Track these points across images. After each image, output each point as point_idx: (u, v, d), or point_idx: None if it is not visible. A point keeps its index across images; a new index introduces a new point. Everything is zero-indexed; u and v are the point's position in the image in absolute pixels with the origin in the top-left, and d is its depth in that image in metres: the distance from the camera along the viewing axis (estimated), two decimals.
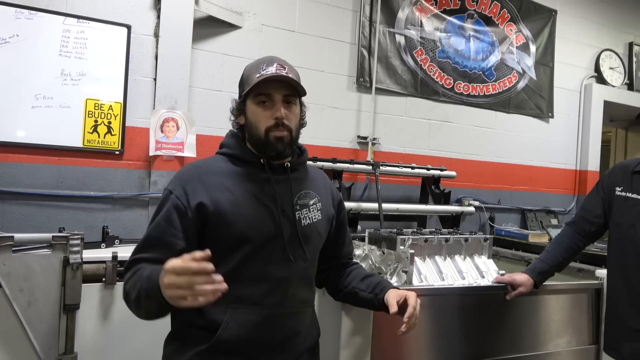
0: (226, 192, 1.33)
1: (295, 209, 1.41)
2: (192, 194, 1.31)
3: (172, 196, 1.32)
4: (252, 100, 1.38)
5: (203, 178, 1.35)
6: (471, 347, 2.04)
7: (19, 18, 2.37)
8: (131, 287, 1.24)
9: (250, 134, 1.41)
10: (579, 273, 2.57)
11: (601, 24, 4.38)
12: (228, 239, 1.31)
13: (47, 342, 1.81)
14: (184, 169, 1.43)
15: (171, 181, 1.38)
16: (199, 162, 1.46)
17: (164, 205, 1.32)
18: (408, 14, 3.44)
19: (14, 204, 2.39)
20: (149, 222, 1.35)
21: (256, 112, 1.37)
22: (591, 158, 4.21)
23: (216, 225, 1.30)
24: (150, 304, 1.19)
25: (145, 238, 1.31)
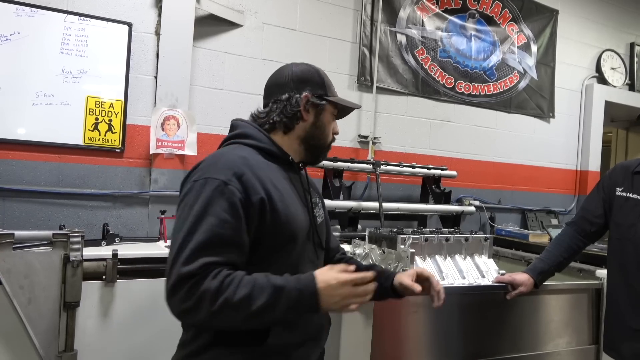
0: (275, 189, 1.27)
1: (312, 207, 1.44)
2: (251, 188, 1.21)
3: (231, 188, 1.18)
4: (331, 110, 1.43)
5: (254, 171, 1.25)
6: (471, 347, 2.04)
7: (20, 15, 2.37)
8: (246, 297, 1.10)
9: (315, 136, 1.41)
10: (579, 273, 2.57)
11: (602, 24, 4.38)
12: (278, 237, 1.26)
13: (47, 340, 1.81)
14: (226, 158, 1.26)
15: (212, 169, 1.22)
16: (234, 150, 1.31)
17: (222, 197, 1.17)
18: (409, 13, 3.44)
19: (14, 202, 2.39)
20: (194, 215, 1.15)
21: (330, 121, 1.44)
22: (592, 158, 4.21)
23: (270, 224, 1.23)
24: (291, 313, 1.16)
25: (213, 236, 1.14)
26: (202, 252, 1.11)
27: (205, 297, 1.08)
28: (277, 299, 1.12)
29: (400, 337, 1.92)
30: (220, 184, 1.18)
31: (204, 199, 1.16)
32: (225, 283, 1.10)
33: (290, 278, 1.17)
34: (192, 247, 1.11)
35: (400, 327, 1.92)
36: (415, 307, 1.94)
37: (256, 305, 1.10)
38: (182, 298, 1.09)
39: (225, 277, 1.11)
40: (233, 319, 1.12)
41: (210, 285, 1.09)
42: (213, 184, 1.18)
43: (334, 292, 1.16)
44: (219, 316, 1.10)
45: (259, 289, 1.11)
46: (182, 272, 1.09)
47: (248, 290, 1.10)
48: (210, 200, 1.16)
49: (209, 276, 1.10)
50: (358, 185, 3.26)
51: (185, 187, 1.24)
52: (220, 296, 1.09)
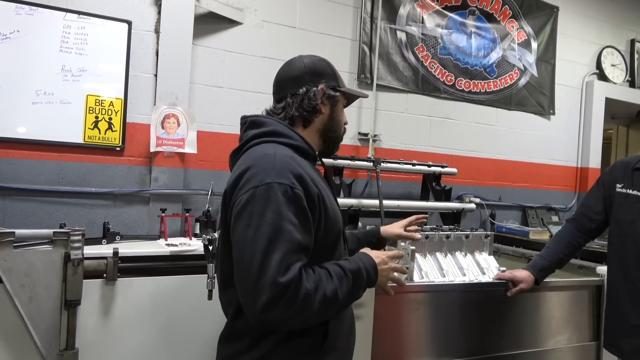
0: (321, 188, 1.28)
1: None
2: (310, 189, 1.21)
3: (297, 192, 1.16)
4: (343, 101, 1.46)
5: (307, 172, 1.24)
6: (472, 344, 2.05)
7: (20, 14, 2.37)
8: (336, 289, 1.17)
9: (332, 128, 1.42)
10: (579, 270, 2.57)
11: (603, 20, 4.37)
12: (329, 235, 1.28)
13: (48, 338, 1.81)
14: (282, 160, 1.21)
15: (275, 172, 1.17)
16: (281, 151, 1.26)
17: (290, 202, 1.15)
18: (409, 11, 3.43)
19: (14, 200, 2.39)
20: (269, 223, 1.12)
21: (342, 112, 1.45)
22: (592, 155, 4.20)
23: (324, 223, 1.25)
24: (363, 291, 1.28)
25: (294, 242, 1.13)
26: (292, 259, 1.11)
27: (308, 298, 1.11)
28: (356, 282, 1.23)
29: (400, 334, 1.92)
30: (287, 189, 1.15)
31: (275, 206, 1.13)
32: (316, 280, 1.15)
33: (353, 260, 1.28)
34: (281, 257, 1.09)
35: (400, 324, 1.92)
36: (416, 304, 1.94)
37: (343, 293, 1.19)
38: (287, 306, 1.09)
39: (314, 276, 1.16)
40: (329, 312, 1.20)
41: (308, 287, 1.12)
42: (280, 188, 1.15)
43: (386, 266, 1.36)
44: (320, 313, 1.16)
45: (339, 278, 1.19)
46: (281, 282, 1.07)
47: (334, 282, 1.18)
48: (281, 206, 1.13)
49: (302, 279, 1.11)
50: (358, 182, 3.26)
51: (242, 194, 1.17)
52: (317, 295, 1.13)
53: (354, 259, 1.29)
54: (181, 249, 2.22)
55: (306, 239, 1.16)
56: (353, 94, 1.48)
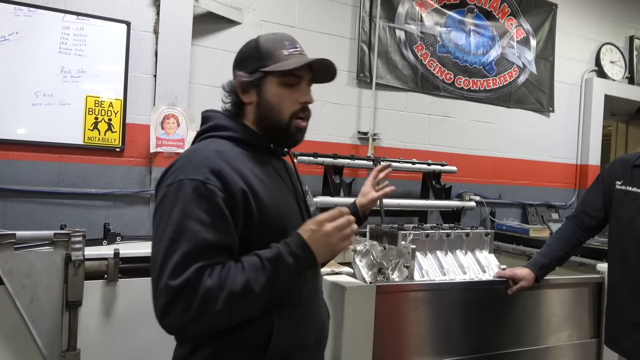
0: (259, 182, 1.17)
1: (303, 196, 1.35)
2: (231, 183, 1.10)
3: (210, 187, 1.07)
4: (278, 80, 1.22)
5: (232, 164, 1.14)
6: (473, 342, 2.05)
7: (18, 15, 2.36)
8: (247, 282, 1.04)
9: (265, 116, 1.24)
10: (580, 267, 2.57)
11: (601, 17, 4.37)
12: (267, 233, 1.15)
13: (50, 339, 1.82)
14: (201, 154, 1.15)
15: (187, 169, 1.11)
16: (209, 145, 1.20)
17: (202, 198, 1.07)
18: (408, 9, 3.43)
19: (15, 202, 2.39)
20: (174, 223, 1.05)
21: (280, 93, 1.22)
22: (592, 152, 4.21)
23: (258, 220, 1.14)
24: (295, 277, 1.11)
25: (199, 242, 1.04)
26: (191, 261, 1.02)
27: (209, 298, 1.01)
28: (276, 270, 1.07)
29: (401, 332, 1.92)
30: (198, 185, 1.07)
31: (182, 204, 1.06)
32: (222, 277, 1.03)
33: (277, 245, 1.11)
34: (178, 259, 1.02)
35: (401, 323, 1.92)
36: (417, 302, 1.95)
37: (259, 285, 1.05)
38: (183, 309, 1.00)
39: (220, 272, 1.04)
40: (242, 309, 1.06)
41: (208, 285, 1.01)
42: (190, 185, 1.07)
43: (319, 235, 1.12)
44: (228, 312, 1.04)
45: (255, 269, 1.06)
46: (172, 285, 1.00)
47: (246, 275, 1.05)
48: (188, 204, 1.06)
49: (203, 277, 1.02)
50: (358, 181, 3.26)
51: (159, 192, 1.13)
52: (222, 293, 1.02)
53: (275, 244, 1.12)
54: None
55: (221, 237, 1.06)
56: (283, 68, 1.21)
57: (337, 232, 1.13)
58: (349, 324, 1.78)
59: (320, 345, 1.33)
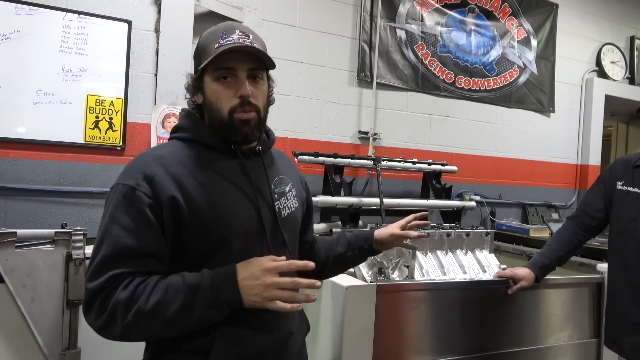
0: (198, 187, 1.11)
1: (274, 199, 1.24)
2: (161, 190, 1.07)
3: (138, 193, 1.06)
4: (211, 76, 1.16)
5: (169, 170, 1.10)
6: (473, 341, 2.05)
7: (20, 14, 2.36)
8: (159, 303, 1.01)
9: (210, 115, 1.19)
10: (580, 267, 2.58)
11: (602, 17, 4.37)
12: (204, 242, 1.11)
13: (50, 338, 1.82)
14: (139, 160, 1.14)
15: (126, 173, 1.11)
16: (155, 150, 1.20)
17: (129, 204, 1.06)
18: (409, 9, 3.43)
19: (16, 200, 2.39)
20: (102, 227, 1.07)
21: (216, 89, 1.16)
22: (592, 152, 4.21)
23: (192, 228, 1.10)
24: (211, 313, 1.04)
25: (118, 248, 1.04)
26: (108, 266, 1.02)
27: (117, 310, 1.00)
28: (192, 299, 1.02)
29: (402, 331, 1.93)
30: (128, 190, 1.07)
31: (112, 208, 1.07)
32: (137, 292, 1.01)
33: (208, 273, 1.06)
34: (97, 262, 1.03)
35: (401, 322, 1.93)
36: (417, 302, 1.95)
37: (171, 310, 1.01)
38: (96, 314, 1.02)
39: (137, 285, 1.02)
40: (150, 328, 1.03)
41: (120, 297, 1.00)
42: (122, 190, 1.07)
43: (256, 282, 1.03)
44: (135, 328, 1.02)
45: (173, 292, 1.02)
46: (89, 288, 1.02)
47: (161, 296, 1.01)
48: (116, 209, 1.06)
49: (119, 287, 1.01)
50: (359, 181, 3.26)
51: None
52: (132, 307, 1.00)
53: (205, 271, 1.06)
54: None
55: (144, 244, 1.05)
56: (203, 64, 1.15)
57: (274, 290, 1.03)
58: (349, 323, 1.78)
59: (284, 356, 1.23)
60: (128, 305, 1.01)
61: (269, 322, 1.18)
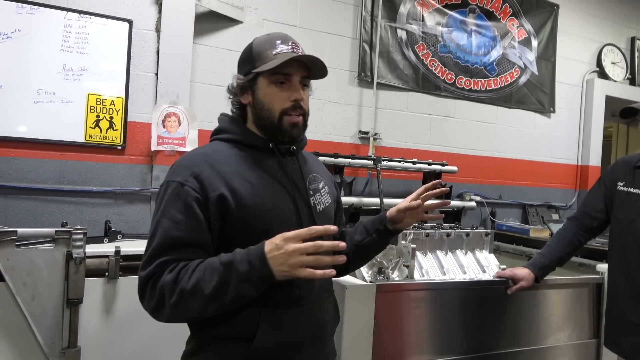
0: (244, 182, 1.21)
1: (309, 194, 1.33)
2: (209, 185, 1.17)
3: (187, 188, 1.16)
4: (267, 80, 1.26)
5: (216, 167, 1.20)
6: (472, 341, 2.05)
7: (21, 13, 2.37)
8: (198, 282, 1.08)
9: (259, 115, 1.29)
10: (580, 268, 2.58)
11: (603, 18, 4.36)
12: (249, 234, 1.18)
13: (50, 336, 1.82)
14: (188, 158, 1.25)
15: (175, 171, 1.21)
16: (201, 149, 1.30)
17: (178, 198, 1.15)
18: (410, 9, 3.43)
19: (16, 199, 2.39)
20: (155, 221, 1.17)
21: (271, 92, 1.27)
22: (593, 153, 4.21)
23: (238, 221, 1.18)
24: (246, 287, 1.10)
25: (167, 239, 1.13)
26: (157, 255, 1.13)
27: (164, 292, 1.10)
28: (228, 275, 1.09)
29: (401, 331, 1.93)
30: (177, 186, 1.17)
31: (164, 203, 1.17)
32: (180, 274, 1.10)
33: (240, 251, 1.12)
34: (149, 253, 1.14)
35: (401, 322, 1.93)
36: (417, 302, 1.95)
37: (210, 287, 1.08)
38: (148, 299, 1.13)
39: (181, 269, 1.11)
40: (192, 306, 1.10)
41: (166, 279, 1.10)
42: (172, 187, 1.18)
43: (279, 252, 1.08)
44: (179, 307, 1.10)
45: (210, 271, 1.10)
46: (141, 276, 1.14)
47: (200, 275, 1.09)
48: (167, 203, 1.16)
49: (165, 272, 1.11)
50: (359, 181, 3.26)
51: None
52: (176, 287, 1.09)
53: (237, 250, 1.13)
54: None
55: (191, 235, 1.14)
56: (265, 68, 1.24)
57: (298, 256, 1.08)
58: (348, 323, 1.78)
59: (318, 345, 1.31)
60: (173, 286, 1.09)
61: (307, 310, 1.26)
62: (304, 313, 1.25)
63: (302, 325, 1.25)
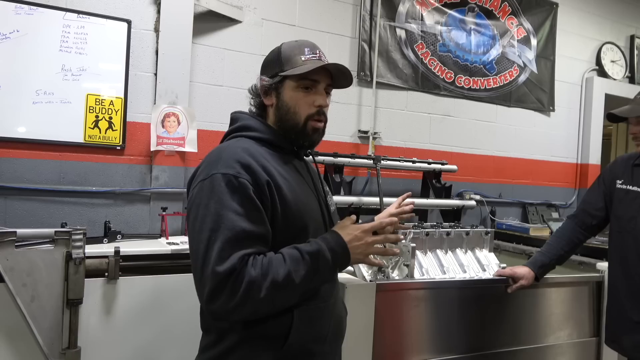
0: (283, 179, 1.23)
1: (325, 196, 1.41)
2: (259, 176, 1.17)
3: (242, 180, 1.14)
4: (295, 84, 1.29)
5: (260, 161, 1.21)
6: (473, 340, 2.05)
7: (19, 13, 2.37)
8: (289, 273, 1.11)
9: (283, 118, 1.31)
10: (580, 266, 2.58)
11: (602, 16, 4.36)
12: (289, 228, 1.21)
13: (50, 337, 1.82)
14: (230, 151, 1.22)
15: (220, 163, 1.17)
16: (237, 143, 1.27)
17: (236, 191, 1.13)
18: (409, 8, 3.43)
19: (16, 200, 2.39)
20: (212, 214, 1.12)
21: (297, 96, 1.29)
22: (592, 151, 4.21)
23: (281, 215, 1.20)
24: (331, 274, 1.24)
25: (238, 232, 1.11)
26: (233, 248, 1.09)
27: (253, 287, 1.08)
28: (316, 264, 1.15)
29: (401, 330, 1.93)
30: (231, 178, 1.14)
31: (218, 196, 1.13)
32: (264, 268, 1.10)
33: (318, 241, 1.19)
34: (220, 246, 1.09)
35: (401, 321, 1.93)
36: (417, 300, 1.95)
37: (299, 277, 1.13)
38: (229, 296, 1.07)
39: (262, 262, 1.11)
40: (283, 298, 1.14)
41: (253, 274, 1.09)
42: (223, 179, 1.14)
43: (361, 242, 1.23)
44: (270, 301, 1.11)
45: (295, 262, 1.14)
46: (219, 272, 1.07)
47: (288, 266, 1.12)
48: (224, 196, 1.13)
49: (247, 266, 1.09)
50: (359, 180, 3.26)
51: (193, 188, 1.20)
52: (265, 281, 1.09)
53: (316, 240, 1.20)
54: (182, 247, 2.23)
55: (256, 227, 1.13)
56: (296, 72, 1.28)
57: (373, 246, 1.25)
58: (349, 322, 1.77)
59: (338, 338, 1.38)
60: (262, 281, 1.09)
61: (330, 305, 1.31)
62: (328, 308, 1.30)
63: (327, 319, 1.30)
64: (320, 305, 1.27)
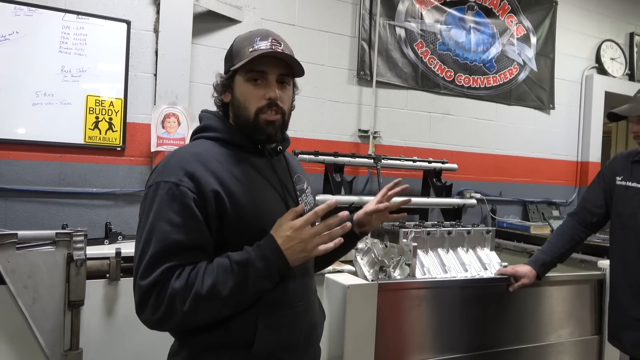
0: (236, 182, 1.17)
1: (297, 195, 1.32)
2: (205, 184, 1.12)
3: (182, 189, 1.10)
4: (243, 77, 1.23)
5: (209, 166, 1.15)
6: (474, 339, 2.05)
7: (18, 15, 2.36)
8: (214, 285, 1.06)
9: (237, 114, 1.26)
10: (581, 264, 2.58)
11: (602, 14, 4.36)
12: (245, 234, 1.15)
13: (52, 339, 1.82)
14: (178, 157, 1.18)
15: (165, 171, 1.14)
16: (189, 147, 1.24)
17: (174, 200, 1.10)
18: (408, 7, 3.42)
19: (16, 202, 2.39)
20: (148, 225, 1.10)
21: (246, 90, 1.23)
22: (592, 149, 4.20)
23: (234, 221, 1.14)
24: (264, 283, 1.11)
25: (168, 243, 1.07)
26: (160, 261, 1.06)
27: (175, 299, 1.05)
28: (244, 275, 1.08)
29: (403, 330, 1.93)
30: (171, 187, 1.11)
31: (156, 205, 1.11)
32: (190, 279, 1.06)
33: (251, 249, 1.12)
34: (147, 259, 1.07)
35: (403, 320, 1.93)
36: (418, 300, 1.95)
37: (227, 288, 1.07)
38: (152, 309, 1.06)
39: (189, 273, 1.07)
40: (210, 310, 1.09)
41: (176, 286, 1.05)
42: (164, 187, 1.11)
43: (294, 242, 1.11)
44: (195, 313, 1.07)
45: (224, 272, 1.08)
46: (143, 285, 1.06)
47: (214, 277, 1.07)
48: (161, 205, 1.10)
49: (172, 278, 1.06)
50: (359, 179, 3.26)
51: (144, 193, 1.18)
52: (189, 293, 1.05)
53: (249, 247, 1.13)
54: None
55: (191, 238, 1.09)
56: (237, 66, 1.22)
57: (313, 239, 1.12)
58: (350, 322, 1.78)
59: (310, 345, 1.31)
60: (185, 293, 1.05)
61: (301, 311, 1.24)
62: (299, 314, 1.24)
63: (297, 326, 1.23)
64: (290, 311, 1.21)
